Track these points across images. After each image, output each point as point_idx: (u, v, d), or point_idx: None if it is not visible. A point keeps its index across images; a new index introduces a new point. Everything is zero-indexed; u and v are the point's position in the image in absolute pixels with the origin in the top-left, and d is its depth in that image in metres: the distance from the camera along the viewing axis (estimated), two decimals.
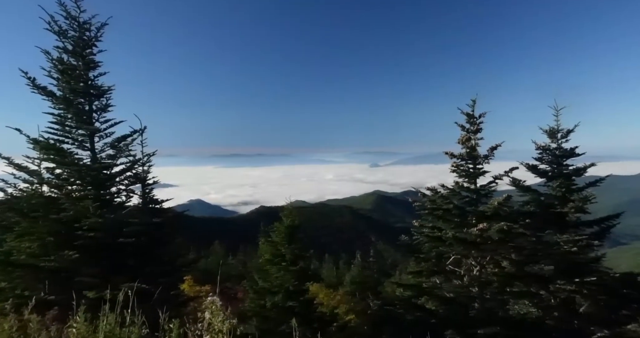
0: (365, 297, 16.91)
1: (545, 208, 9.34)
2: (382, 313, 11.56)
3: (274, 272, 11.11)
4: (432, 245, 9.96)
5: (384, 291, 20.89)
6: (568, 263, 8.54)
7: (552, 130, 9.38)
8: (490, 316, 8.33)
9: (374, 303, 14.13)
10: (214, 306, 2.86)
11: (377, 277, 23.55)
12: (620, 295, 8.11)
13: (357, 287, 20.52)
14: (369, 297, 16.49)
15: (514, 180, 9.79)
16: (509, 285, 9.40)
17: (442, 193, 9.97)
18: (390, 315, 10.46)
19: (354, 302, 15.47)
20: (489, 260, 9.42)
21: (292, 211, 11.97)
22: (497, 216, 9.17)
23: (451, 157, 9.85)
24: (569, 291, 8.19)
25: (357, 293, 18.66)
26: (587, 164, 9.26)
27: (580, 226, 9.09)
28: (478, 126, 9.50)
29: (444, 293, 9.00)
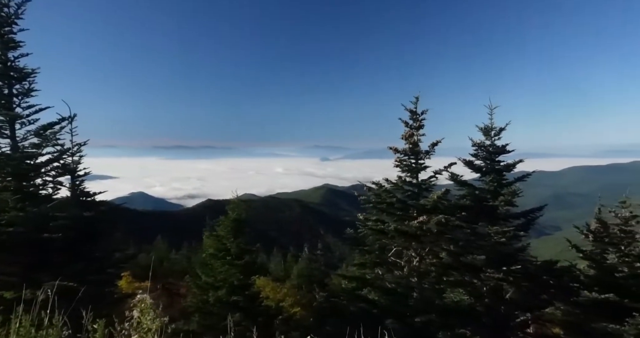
0: (312, 290, 17.08)
1: (479, 201, 9.92)
2: (327, 305, 11.75)
3: (218, 266, 10.87)
4: (376, 238, 10.25)
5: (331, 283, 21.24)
6: (497, 253, 9.14)
7: (486, 128, 9.96)
8: (428, 304, 8.74)
9: (320, 295, 14.32)
10: (144, 304, 2.72)
11: (324, 269, 23.86)
12: (540, 281, 8.85)
13: (304, 280, 20.66)
14: (315, 290, 16.66)
15: (453, 175, 10.28)
16: (445, 275, 9.93)
17: (386, 188, 10.27)
18: (335, 306, 10.65)
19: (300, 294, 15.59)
20: (428, 251, 9.88)
21: (239, 204, 11.76)
22: (436, 209, 9.61)
23: (395, 152, 10.16)
24: (498, 279, 8.79)
25: (303, 286, 18.80)
26: (516, 161, 9.95)
27: (509, 218, 9.76)
28: (420, 122, 9.87)
29: (385, 284, 9.31)
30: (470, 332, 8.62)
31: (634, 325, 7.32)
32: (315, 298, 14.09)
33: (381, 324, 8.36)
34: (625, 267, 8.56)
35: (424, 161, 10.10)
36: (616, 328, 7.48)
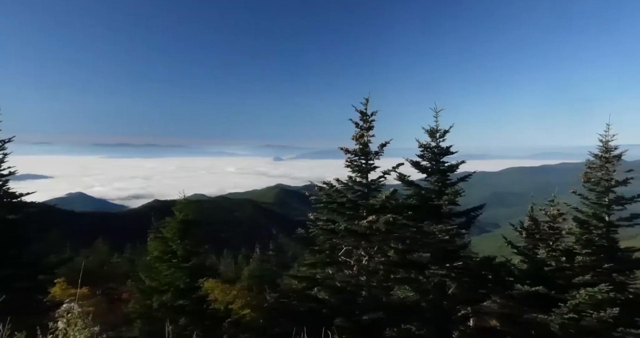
0: (263, 291, 16.86)
1: (425, 201, 10.31)
2: (278, 305, 11.64)
3: (163, 269, 10.42)
4: (327, 238, 10.33)
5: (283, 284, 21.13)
6: (441, 250, 9.57)
7: (432, 130, 10.37)
8: (376, 302, 8.94)
9: (271, 296, 14.16)
10: (70, 314, 2.52)
11: (276, 270, 23.67)
12: (479, 276, 9.37)
13: (255, 281, 20.35)
14: (266, 291, 16.48)
15: (400, 175, 10.59)
16: (393, 273, 10.21)
17: (337, 188, 10.38)
18: (285, 307, 10.59)
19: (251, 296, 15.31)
20: (377, 250, 10.11)
21: (187, 205, 11.35)
22: (385, 209, 9.86)
23: (346, 153, 10.29)
24: (441, 275, 9.18)
25: (254, 287, 18.51)
26: (459, 161, 10.45)
27: (452, 217, 10.24)
28: (370, 124, 10.07)
29: (335, 283, 9.40)
30: (415, 328, 8.95)
31: (559, 315, 7.97)
32: (266, 299, 13.92)
33: (330, 323, 8.43)
34: (552, 261, 9.30)
35: (373, 161, 10.31)
36: (544, 318, 8.10)
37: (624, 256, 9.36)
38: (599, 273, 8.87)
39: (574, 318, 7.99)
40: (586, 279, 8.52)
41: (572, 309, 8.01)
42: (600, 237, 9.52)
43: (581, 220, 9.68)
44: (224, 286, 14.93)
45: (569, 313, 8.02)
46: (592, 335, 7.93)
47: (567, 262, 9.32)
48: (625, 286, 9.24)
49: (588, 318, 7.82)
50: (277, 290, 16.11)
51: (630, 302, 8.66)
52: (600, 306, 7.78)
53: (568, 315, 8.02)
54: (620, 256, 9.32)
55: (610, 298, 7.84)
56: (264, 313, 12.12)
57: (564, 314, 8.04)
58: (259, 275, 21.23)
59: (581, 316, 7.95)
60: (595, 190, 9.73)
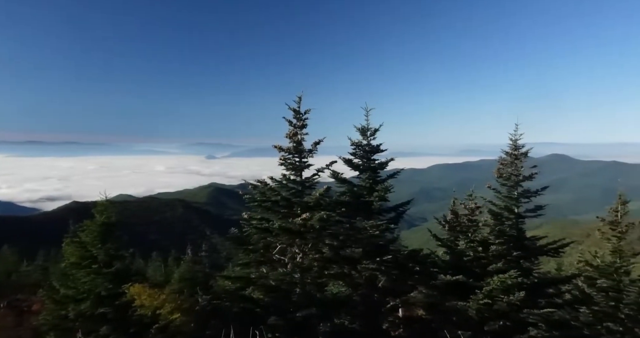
0: (194, 293, 16.26)
1: (357, 197, 10.64)
2: (210, 308, 11.29)
3: (81, 276, 9.61)
4: (261, 236, 10.22)
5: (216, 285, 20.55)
6: (372, 245, 9.94)
7: (363, 129, 10.72)
8: (309, 299, 9.04)
9: (203, 298, 13.70)
10: None
11: (209, 271, 22.94)
12: (407, 269, 9.89)
13: (186, 283, 19.55)
14: (198, 293, 15.90)
15: (334, 173, 10.82)
16: (327, 269, 10.40)
17: (271, 186, 10.31)
18: (217, 309, 10.30)
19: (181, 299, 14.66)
20: (311, 247, 10.22)
21: (108, 206, 10.55)
22: (319, 206, 10.00)
23: (280, 151, 10.26)
24: (372, 269, 9.54)
25: (185, 290, 17.78)
26: (388, 159, 10.93)
27: (382, 212, 10.69)
28: (304, 122, 10.14)
29: (269, 282, 9.34)
30: (347, 321, 9.21)
31: (475, 301, 8.69)
32: (198, 302, 13.44)
33: (264, 322, 8.38)
34: (471, 251, 10.10)
35: (307, 159, 10.40)
36: (463, 304, 8.78)
37: (530, 244, 10.42)
38: (509, 261, 9.82)
39: (487, 303, 8.77)
40: (498, 267, 9.38)
41: (487, 295, 8.79)
42: (511, 227, 10.50)
43: (495, 212, 10.61)
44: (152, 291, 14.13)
45: (483, 299, 8.79)
46: (502, 317, 8.76)
47: (483, 251, 10.18)
48: (531, 271, 10.33)
49: (499, 302, 8.63)
50: (210, 292, 15.63)
51: (535, 285, 9.71)
52: (510, 291, 8.62)
53: (483, 300, 8.79)
54: (526, 244, 10.37)
55: (518, 283, 8.72)
56: (196, 316, 11.70)
57: (479, 300, 8.79)
58: (190, 277, 20.45)
59: (494, 301, 8.75)
60: (506, 184, 10.68)
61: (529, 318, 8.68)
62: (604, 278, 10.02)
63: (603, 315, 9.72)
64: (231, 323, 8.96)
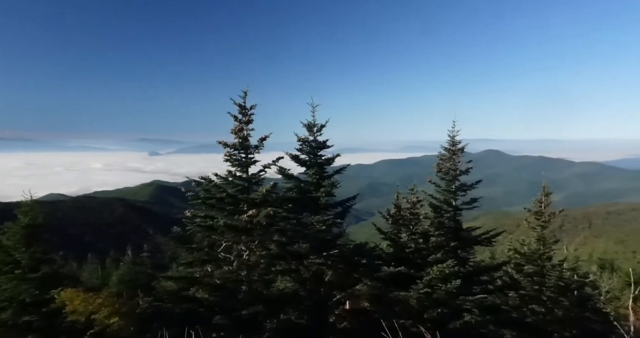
0: (135, 296, 15.48)
1: (304, 193, 10.68)
2: (152, 310, 10.82)
3: (2, 283, 8.79)
4: (205, 234, 9.95)
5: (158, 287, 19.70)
6: (319, 240, 10.04)
7: (309, 125, 10.77)
8: (256, 296, 8.96)
9: (144, 301, 13.08)
10: None
11: (151, 272, 21.92)
12: (353, 262, 10.12)
13: (126, 286, 18.54)
14: (139, 295, 15.16)
15: (281, 169, 10.77)
16: (274, 265, 10.35)
17: (215, 183, 10.05)
18: (159, 311, 9.90)
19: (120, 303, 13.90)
20: (258, 243, 10.12)
21: (33, 207, 9.74)
22: (266, 202, 9.91)
23: (225, 147, 10.02)
24: (319, 264, 9.64)
25: (124, 293, 16.87)
26: (334, 155, 11.08)
27: (329, 208, 10.81)
28: (250, 117, 9.97)
29: (214, 280, 9.13)
30: (294, 317, 9.26)
31: (416, 291, 9.12)
32: (139, 305, 12.82)
33: (209, 322, 8.19)
34: (412, 243, 10.55)
35: (253, 155, 10.25)
36: (405, 295, 9.17)
37: (466, 235, 11.09)
38: (447, 251, 10.39)
39: (427, 292, 9.23)
40: (438, 257, 9.89)
41: (426, 284, 9.25)
42: (449, 219, 11.09)
43: (435, 205, 11.15)
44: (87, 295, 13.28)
45: (424, 288, 9.25)
46: (441, 305, 9.26)
47: (423, 243, 10.68)
48: (467, 260, 11.02)
49: (438, 291, 9.11)
50: (152, 294, 14.97)
51: (470, 273, 10.38)
52: (448, 279, 9.13)
53: (423, 290, 9.24)
54: (463, 235, 11.03)
55: (455, 272, 9.26)
56: (135, 319, 11.17)
57: (420, 290, 9.22)
58: (130, 279, 19.42)
59: (433, 290, 9.22)
60: (445, 179, 11.25)
61: (465, 304, 9.26)
62: (529, 264, 10.94)
63: (529, 298, 10.63)
64: (174, 324, 8.67)
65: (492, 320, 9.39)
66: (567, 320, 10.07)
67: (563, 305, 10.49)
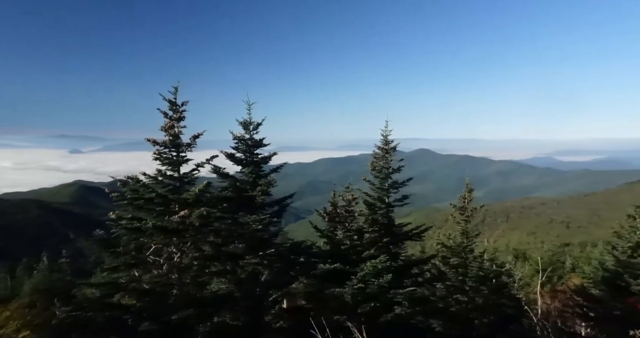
0: (51, 306, 14.12)
1: (240, 192, 10.47)
2: (70, 320, 9.94)
3: None
4: (132, 237, 9.38)
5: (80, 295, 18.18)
6: (255, 239, 9.91)
7: (245, 123, 10.57)
8: (188, 299, 8.62)
9: (61, 310, 11.98)
10: None
11: (70, 279, 20.19)
12: (289, 261, 10.13)
13: (41, 295, 16.87)
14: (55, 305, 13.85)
15: (215, 168, 10.46)
16: (208, 267, 10.03)
17: (144, 182, 9.51)
18: (79, 320, 9.12)
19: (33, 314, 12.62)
20: (190, 245, 9.73)
21: None
22: (199, 202, 9.56)
23: (154, 145, 9.49)
24: (254, 264, 9.52)
25: (38, 303, 15.33)
26: (271, 153, 10.99)
27: (265, 206, 10.71)
28: (181, 114, 9.53)
29: (142, 285, 8.62)
30: (229, 319, 9.04)
31: (350, 286, 9.36)
32: (55, 315, 11.72)
33: (135, 329, 7.72)
34: (347, 240, 10.82)
35: (185, 154, 9.84)
36: (339, 291, 9.37)
37: (397, 231, 11.61)
38: (380, 247, 10.80)
39: (361, 288, 9.53)
40: (371, 253, 10.24)
41: (360, 280, 9.55)
42: (382, 216, 11.54)
43: (369, 202, 11.53)
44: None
45: (357, 284, 9.53)
46: (373, 299, 9.60)
47: (358, 239, 11.00)
48: (398, 255, 11.54)
49: (371, 285, 9.44)
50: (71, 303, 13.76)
51: (401, 267, 10.89)
52: (380, 274, 9.49)
53: (357, 285, 9.52)
54: (395, 231, 11.53)
55: (387, 266, 9.64)
56: (51, 331, 10.21)
57: (354, 285, 9.48)
58: (46, 288, 17.72)
59: (366, 285, 9.53)
60: (379, 176, 11.67)
61: (396, 297, 9.70)
62: (454, 256, 11.73)
63: (453, 288, 11.39)
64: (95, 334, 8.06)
65: (421, 311, 9.93)
66: (486, 307, 10.95)
67: (483, 293, 11.38)
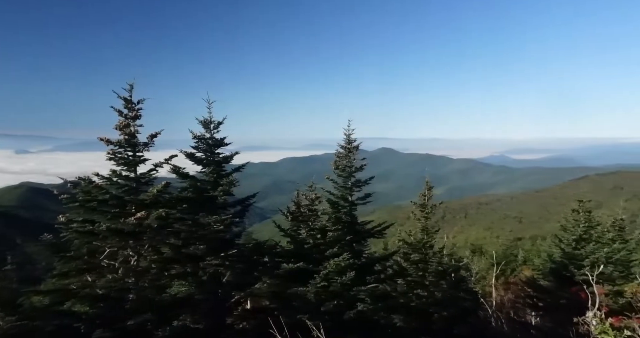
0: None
1: (201, 193, 10.23)
2: (15, 331, 9.32)
3: None
4: (84, 241, 8.93)
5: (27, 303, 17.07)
6: (217, 240, 9.72)
7: (206, 122, 10.33)
8: (145, 304, 8.32)
9: (6, 321, 11.22)
10: None
11: (16, 287, 18.90)
12: (252, 261, 10.02)
13: None
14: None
15: (174, 168, 10.16)
16: (167, 270, 9.72)
17: (97, 183, 9.07)
18: (26, 330, 8.57)
19: None
20: (148, 248, 9.40)
21: None
22: (158, 203, 9.26)
23: (107, 144, 9.08)
24: (216, 265, 9.34)
25: None
26: (233, 153, 10.82)
27: (227, 207, 10.53)
28: (137, 112, 9.17)
29: (95, 291, 8.22)
30: (190, 322, 8.81)
31: (314, 285, 9.39)
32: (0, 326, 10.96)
33: (88, 337, 7.37)
34: (311, 239, 10.84)
35: (142, 153, 9.49)
36: (303, 290, 9.38)
37: (360, 228, 11.77)
38: (343, 245, 10.91)
39: (324, 286, 9.59)
40: (334, 251, 10.32)
41: (323, 278, 9.60)
42: (345, 214, 11.65)
43: (332, 201, 11.61)
44: None
45: (321, 282, 9.58)
46: (337, 297, 9.70)
47: (321, 238, 11.05)
48: (361, 253, 11.71)
49: (334, 283, 9.53)
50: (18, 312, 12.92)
51: (364, 265, 11.06)
52: (343, 272, 9.59)
53: (320, 284, 9.57)
54: (358, 229, 11.68)
55: (350, 264, 9.76)
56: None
57: (317, 284, 9.52)
58: None
59: (330, 283, 9.61)
60: (342, 175, 11.78)
61: (359, 294, 9.83)
62: (415, 252, 12.04)
63: (414, 284, 11.70)
64: None
65: (383, 307, 10.11)
66: (445, 301, 11.33)
67: (442, 287, 11.77)
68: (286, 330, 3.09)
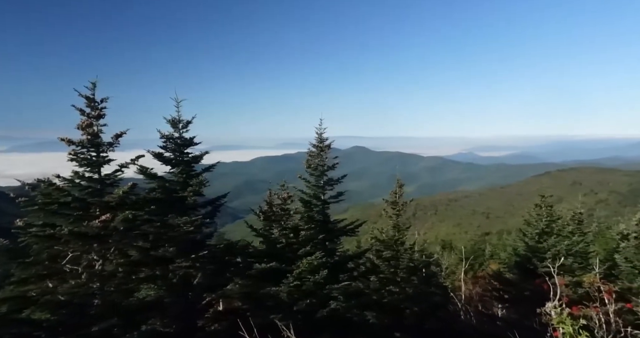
0: None
1: (169, 193, 9.96)
2: None
3: None
4: (45, 246, 8.50)
5: None
6: (187, 242, 9.50)
7: (174, 121, 10.06)
8: (111, 308, 8.04)
9: None
10: None
11: None
12: (224, 262, 9.86)
13: None
14: None
15: (141, 168, 9.85)
16: (135, 273, 9.42)
17: (58, 185, 8.66)
18: None
19: None
20: (114, 251, 9.07)
21: None
22: (124, 205, 8.94)
23: (69, 144, 8.68)
24: (186, 267, 9.13)
25: None
26: (203, 152, 10.58)
27: (197, 207, 10.30)
28: (100, 111, 8.82)
29: (57, 297, 7.85)
30: (159, 326, 8.58)
31: (286, 284, 9.35)
32: None
33: None
34: (283, 239, 10.78)
35: (107, 154, 9.13)
36: (275, 289, 9.32)
37: (333, 227, 11.81)
38: (316, 244, 10.91)
39: (297, 285, 9.56)
40: (307, 250, 10.30)
41: (296, 277, 9.57)
42: (318, 213, 11.66)
43: (305, 200, 11.59)
44: None
45: (294, 282, 9.54)
46: (310, 296, 9.68)
47: (294, 237, 11.01)
48: (334, 251, 11.75)
49: (307, 282, 9.52)
50: None
51: (337, 263, 11.11)
52: (316, 271, 9.59)
53: (293, 283, 9.54)
54: (330, 227, 11.72)
55: (322, 262, 9.78)
56: None
57: (290, 283, 9.48)
58: None
59: (302, 282, 9.59)
60: (314, 174, 11.77)
61: (332, 292, 9.86)
62: (387, 249, 12.21)
63: (386, 280, 11.86)
64: None
65: (356, 305, 10.19)
66: (416, 297, 11.55)
67: (413, 283, 12.00)
68: (255, 331, 3.04)
